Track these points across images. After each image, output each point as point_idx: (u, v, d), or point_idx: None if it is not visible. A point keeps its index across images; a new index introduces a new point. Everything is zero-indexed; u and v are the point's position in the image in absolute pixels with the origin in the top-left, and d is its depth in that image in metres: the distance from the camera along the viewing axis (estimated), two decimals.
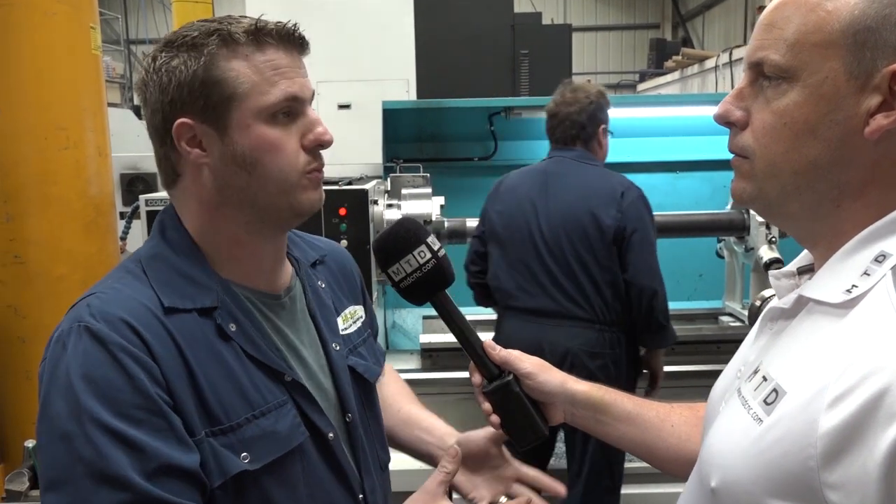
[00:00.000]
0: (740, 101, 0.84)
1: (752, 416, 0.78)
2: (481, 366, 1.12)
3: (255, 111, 0.97)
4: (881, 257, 0.74)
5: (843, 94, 0.76)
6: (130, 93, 14.04)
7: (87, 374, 0.87)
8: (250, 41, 0.97)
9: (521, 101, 3.48)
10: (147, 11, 15.94)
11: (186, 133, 0.97)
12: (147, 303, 0.93)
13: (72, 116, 2.24)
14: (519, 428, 1.10)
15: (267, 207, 1.01)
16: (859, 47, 0.75)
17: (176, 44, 0.97)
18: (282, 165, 0.99)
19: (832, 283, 0.77)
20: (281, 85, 0.98)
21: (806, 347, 0.77)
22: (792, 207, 0.82)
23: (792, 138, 0.79)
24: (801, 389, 0.73)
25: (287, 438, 0.99)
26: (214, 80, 0.96)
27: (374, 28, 3.16)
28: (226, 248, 1.04)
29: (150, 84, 0.97)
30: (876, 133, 0.74)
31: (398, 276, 1.06)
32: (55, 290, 2.26)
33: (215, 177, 0.99)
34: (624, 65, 17.71)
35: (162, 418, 0.88)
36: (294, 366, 1.06)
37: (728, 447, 0.81)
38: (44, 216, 2.25)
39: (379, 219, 2.34)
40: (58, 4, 2.19)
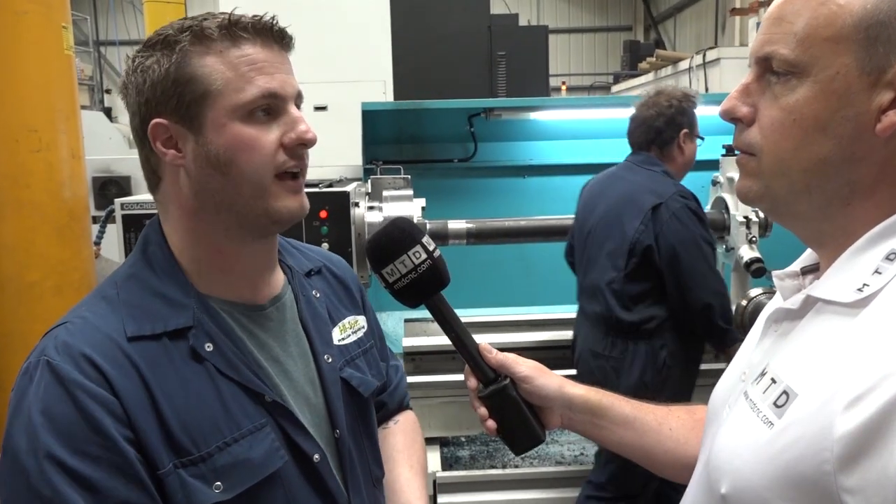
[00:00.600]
0: (747, 97, 0.82)
1: (762, 420, 0.76)
2: (477, 369, 1.08)
3: (229, 109, 0.93)
4: (892, 255, 0.72)
5: (854, 91, 0.74)
6: (101, 94, 13.84)
7: (47, 410, 0.86)
8: (224, 36, 0.93)
9: (500, 102, 3.48)
10: (117, 12, 15.73)
11: (162, 134, 0.94)
12: (112, 333, 0.91)
13: (44, 118, 2.18)
14: (516, 433, 1.08)
15: (244, 212, 0.97)
16: (871, 42, 0.73)
17: (151, 43, 0.94)
18: (256, 165, 0.94)
19: (842, 283, 0.75)
20: (258, 81, 0.93)
21: (817, 348, 0.75)
22: (801, 206, 0.80)
23: (801, 135, 0.77)
24: (814, 391, 0.71)
25: (262, 465, 0.95)
26: (187, 78, 0.92)
27: (351, 29, 3.13)
28: (206, 257, 1.00)
29: (129, 86, 0.95)
30: (888, 130, 0.73)
31: (392, 278, 1.02)
32: (28, 297, 2.20)
33: (191, 179, 0.95)
34: (597, 66, 17.87)
35: (120, 456, 0.87)
36: (278, 382, 1.02)
37: (738, 452, 0.79)
38: (16, 220, 2.18)
39: (360, 221, 2.31)
40: (29, 3, 2.13)
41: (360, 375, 1.14)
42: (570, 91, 14.76)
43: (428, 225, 2.38)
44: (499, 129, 3.09)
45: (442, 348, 2.46)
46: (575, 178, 3.20)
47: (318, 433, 1.04)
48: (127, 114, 1.02)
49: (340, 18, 3.15)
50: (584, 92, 16.12)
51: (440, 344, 2.49)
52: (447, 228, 2.42)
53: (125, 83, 0.96)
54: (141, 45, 0.97)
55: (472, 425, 2.41)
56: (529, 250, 3.11)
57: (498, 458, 2.70)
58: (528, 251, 3.11)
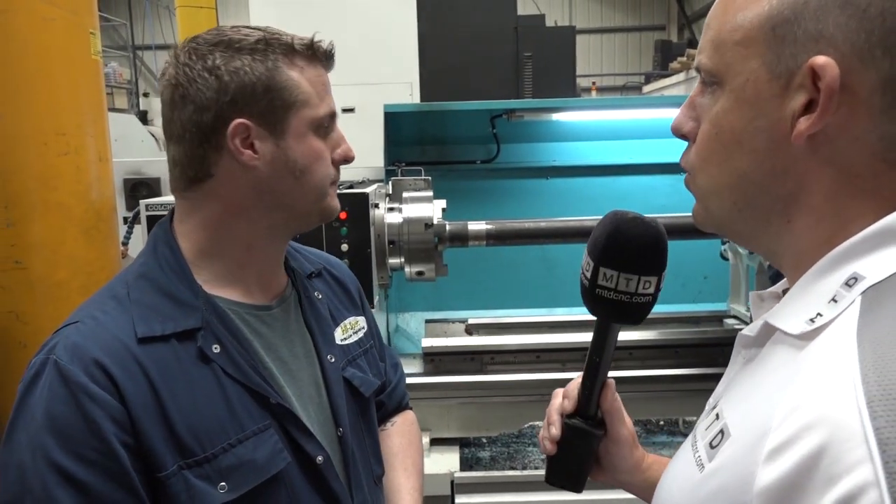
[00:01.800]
0: (692, 112, 0.77)
1: (696, 461, 0.70)
2: (585, 398, 1.00)
3: (308, 121, 1.01)
4: (852, 280, 0.64)
5: (765, 98, 0.68)
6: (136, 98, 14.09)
7: (49, 410, 0.89)
8: (307, 55, 1.02)
9: (520, 103, 3.47)
10: (153, 17, 16.00)
11: (241, 133, 0.99)
12: (121, 335, 0.94)
13: (72, 122, 2.24)
14: (565, 471, 1.03)
15: (301, 212, 1.05)
16: (779, 42, 0.66)
17: (234, 46, 0.98)
18: (322, 175, 1.04)
19: (797, 310, 0.67)
20: (327, 100, 1.04)
21: (759, 384, 0.68)
22: (739, 227, 0.75)
23: (723, 150, 0.72)
24: (744, 434, 0.64)
25: (265, 467, 0.98)
26: (280, 86, 0.99)
27: (378, 31, 3.16)
28: (232, 254, 1.04)
29: (199, 82, 0.98)
30: (800, 139, 0.66)
31: (604, 282, 0.88)
32: (56, 296, 2.26)
33: (259, 179, 1.01)
34: (630, 67, 17.71)
35: (115, 462, 0.89)
36: (283, 384, 1.05)
37: (672, 493, 0.74)
38: (44, 221, 2.24)
39: (380, 222, 2.33)
40: (57, 10, 2.19)
41: (361, 375, 1.16)
42: (601, 91, 14.67)
43: (447, 226, 2.39)
44: (522, 131, 3.09)
45: (461, 349, 2.46)
46: (599, 179, 3.20)
47: (323, 432, 1.07)
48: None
49: (367, 21, 3.18)
50: (616, 92, 16.00)
51: (460, 345, 2.50)
52: (467, 230, 2.42)
53: (189, 77, 0.98)
54: (205, 44, 1.00)
55: (490, 426, 2.41)
56: (551, 251, 3.10)
57: (518, 459, 2.70)
58: (550, 252, 3.11)
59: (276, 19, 3.37)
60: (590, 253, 0.89)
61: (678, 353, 2.44)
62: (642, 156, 3.19)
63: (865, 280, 0.63)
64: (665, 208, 3.08)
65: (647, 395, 2.37)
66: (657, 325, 2.77)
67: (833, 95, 0.63)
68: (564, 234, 2.58)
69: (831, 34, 0.63)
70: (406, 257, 2.34)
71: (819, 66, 0.63)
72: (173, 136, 1.02)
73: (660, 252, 0.88)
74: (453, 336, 2.72)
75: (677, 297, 3.10)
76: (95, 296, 1.02)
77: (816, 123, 0.65)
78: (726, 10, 0.71)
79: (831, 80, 0.63)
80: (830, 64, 0.63)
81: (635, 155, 3.18)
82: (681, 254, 3.13)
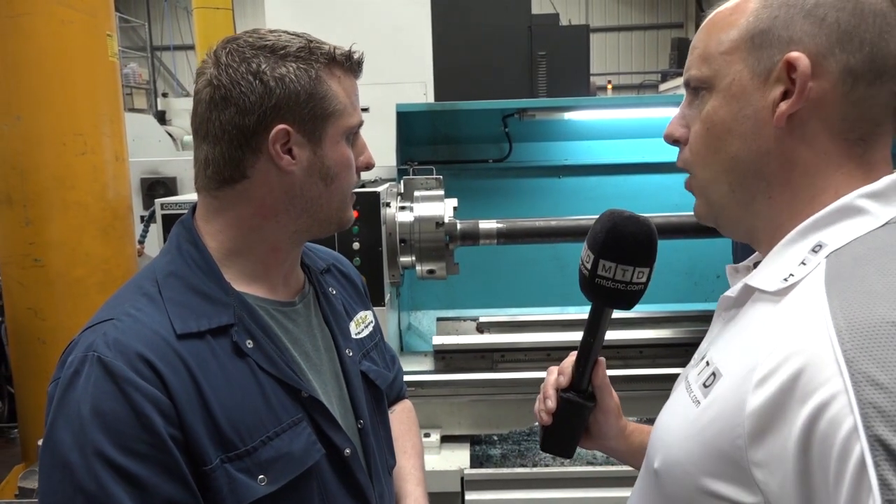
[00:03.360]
0: (682, 120, 0.92)
1: (692, 399, 0.83)
2: (579, 374, 1.10)
3: (342, 130, 1.04)
4: (818, 247, 0.78)
5: (749, 91, 0.83)
6: (155, 98, 14.22)
7: (96, 406, 0.88)
8: (346, 66, 1.05)
9: (534, 102, 3.47)
10: (171, 18, 16.14)
11: (282, 138, 1.00)
12: (161, 331, 0.94)
13: (89, 122, 2.29)
14: (559, 439, 1.13)
15: (325, 218, 1.07)
16: (757, 48, 0.83)
17: (278, 52, 1.00)
18: (349, 182, 1.08)
19: (772, 272, 0.81)
20: (358, 109, 1.08)
21: (745, 333, 0.81)
22: (731, 209, 0.89)
23: (716, 140, 0.87)
24: (734, 371, 0.77)
25: (301, 459, 1.00)
26: (322, 95, 1.01)
27: (392, 31, 3.18)
28: (259, 255, 1.05)
29: (243, 84, 0.98)
30: (781, 120, 0.81)
31: (603, 272, 0.99)
32: (73, 293, 2.31)
33: (292, 184, 1.03)
34: (647, 65, 17.61)
35: (167, 455, 0.89)
36: (311, 377, 1.07)
37: (670, 429, 0.86)
38: (63, 219, 2.30)
39: (391, 221, 2.35)
40: (74, 13, 2.23)
41: (376, 368, 1.19)
42: (617, 90, 14.61)
43: (458, 225, 2.41)
44: (534, 130, 3.09)
45: (472, 347, 2.48)
46: (611, 178, 3.20)
47: (345, 424, 1.10)
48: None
49: (381, 21, 3.20)
50: (633, 90, 15.93)
51: (470, 343, 2.51)
52: (478, 228, 2.44)
53: (233, 79, 0.99)
54: (249, 47, 1.01)
55: (501, 423, 2.42)
56: (564, 250, 3.10)
57: (529, 457, 2.71)
58: (563, 251, 3.11)
59: (292, 19, 3.40)
60: (590, 247, 1.01)
61: (688, 352, 2.43)
62: (655, 154, 3.19)
63: (828, 246, 0.78)
64: (678, 207, 3.07)
65: (659, 394, 2.36)
66: (669, 323, 2.77)
67: (807, 80, 0.79)
68: (574, 232, 2.58)
69: (799, 38, 0.81)
70: (417, 256, 2.36)
71: (794, 59, 0.80)
72: (209, 136, 1.01)
73: (652, 247, 0.99)
74: (464, 334, 2.73)
75: (690, 295, 3.10)
76: (123, 293, 1.02)
77: (795, 104, 0.80)
78: (710, 33, 0.88)
79: (804, 68, 0.79)
80: (802, 57, 0.80)
81: (648, 154, 3.18)
82: (694, 253, 3.14)
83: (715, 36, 0.87)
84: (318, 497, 1.02)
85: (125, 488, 0.87)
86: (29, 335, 2.32)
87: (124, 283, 1.05)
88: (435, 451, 2.29)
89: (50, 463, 0.90)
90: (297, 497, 0.99)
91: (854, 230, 0.78)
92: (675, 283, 3.13)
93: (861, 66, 0.79)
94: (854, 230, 0.78)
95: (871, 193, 0.79)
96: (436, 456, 2.27)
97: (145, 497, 0.88)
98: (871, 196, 0.79)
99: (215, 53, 1.01)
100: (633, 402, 1.15)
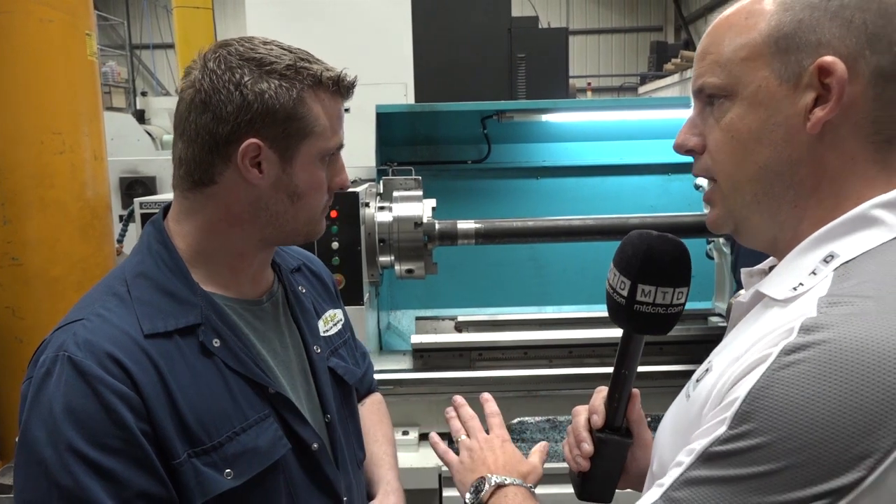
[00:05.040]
0: (694, 129, 0.90)
1: (685, 394, 0.85)
2: (613, 411, 1.04)
3: (316, 152, 1.04)
4: (829, 257, 0.78)
5: (778, 98, 0.81)
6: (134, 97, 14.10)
7: (68, 404, 0.91)
8: (332, 90, 1.05)
9: (512, 104, 3.51)
10: (151, 17, 16.01)
11: (252, 153, 1.01)
12: (130, 330, 0.97)
13: (68, 121, 2.29)
14: (599, 484, 1.06)
15: (291, 230, 1.08)
16: (783, 53, 0.80)
17: (264, 67, 1.00)
18: (318, 203, 1.08)
19: (783, 281, 0.81)
20: (339, 133, 1.07)
21: (745, 334, 0.81)
22: (756, 219, 0.87)
23: (742, 149, 0.84)
24: (720, 366, 0.79)
25: (267, 453, 1.02)
26: (300, 116, 1.02)
27: (373, 32, 3.19)
28: (225, 258, 1.07)
29: (223, 93, 0.99)
30: (817, 126, 0.79)
31: (643, 298, 0.93)
32: (52, 292, 2.31)
33: (258, 197, 1.04)
34: (627, 67, 17.74)
35: (138, 449, 0.92)
36: (278, 374, 1.09)
37: (665, 426, 0.88)
38: (41, 218, 2.29)
39: (370, 221, 2.37)
40: (54, 12, 2.23)
41: (344, 364, 1.21)
42: (597, 92, 14.71)
43: (437, 225, 2.43)
44: (512, 131, 3.12)
45: (450, 345, 2.50)
46: (589, 179, 3.24)
47: (313, 419, 1.12)
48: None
49: (362, 22, 3.21)
50: (613, 93, 16.04)
51: (448, 341, 2.53)
52: (456, 228, 2.46)
53: (214, 87, 1.00)
54: (236, 57, 1.01)
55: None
56: (541, 250, 3.14)
57: None
58: (541, 251, 3.15)
59: (273, 19, 3.40)
60: (623, 272, 0.94)
61: (662, 350, 2.48)
62: (632, 156, 3.23)
63: (840, 258, 0.77)
64: (654, 208, 3.12)
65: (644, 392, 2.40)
66: None
67: (843, 85, 0.77)
68: (552, 233, 2.62)
69: (828, 41, 0.78)
70: (396, 255, 2.38)
71: (828, 64, 0.77)
72: (185, 135, 1.03)
73: (689, 263, 0.95)
74: (442, 332, 2.76)
75: None
76: (93, 294, 1.04)
77: (832, 110, 0.78)
78: (722, 37, 0.85)
79: (841, 73, 0.77)
80: (838, 61, 0.77)
81: (625, 155, 3.22)
82: None
83: (730, 41, 0.84)
84: (284, 490, 1.04)
85: (99, 482, 0.89)
86: (6, 334, 2.32)
87: (96, 283, 1.07)
88: (413, 448, 2.31)
89: (25, 460, 0.92)
90: (263, 490, 1.02)
91: (867, 242, 0.77)
92: None
93: (891, 67, 0.78)
94: (867, 242, 0.77)
95: (887, 203, 0.78)
96: (414, 453, 2.29)
97: (119, 490, 0.90)
98: (887, 206, 0.78)
99: (204, 56, 1.03)
100: None
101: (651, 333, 0.98)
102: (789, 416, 0.66)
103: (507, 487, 1.03)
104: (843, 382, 0.65)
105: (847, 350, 0.66)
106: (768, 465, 0.66)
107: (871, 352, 0.65)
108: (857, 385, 0.64)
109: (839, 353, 0.66)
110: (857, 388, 0.64)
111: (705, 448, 0.70)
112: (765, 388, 0.68)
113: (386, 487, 1.27)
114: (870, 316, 0.68)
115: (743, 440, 0.68)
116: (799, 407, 0.65)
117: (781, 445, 0.66)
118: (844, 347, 0.66)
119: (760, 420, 0.67)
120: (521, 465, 1.10)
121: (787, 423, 0.66)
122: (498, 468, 1.08)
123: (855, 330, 0.67)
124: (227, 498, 0.98)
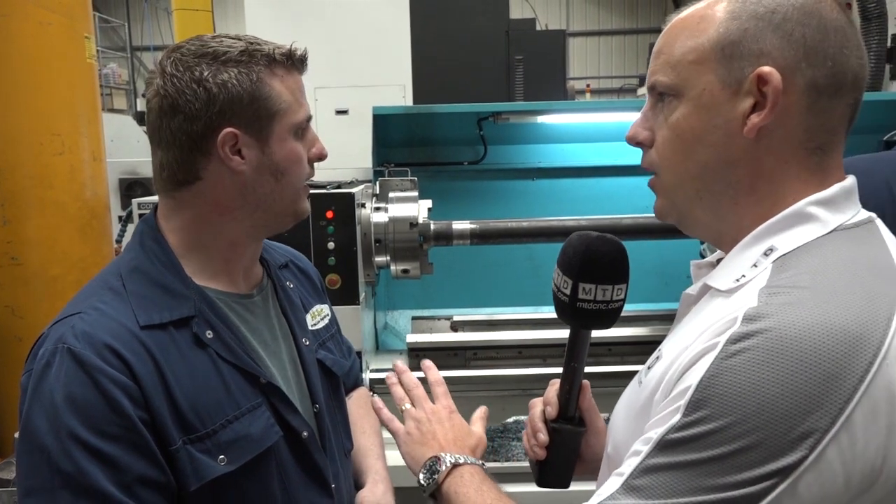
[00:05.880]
0: (646, 123, 0.94)
1: (637, 381, 0.90)
2: (566, 401, 1.09)
3: (289, 127, 1.08)
4: (769, 251, 0.83)
5: (719, 102, 0.85)
6: (135, 99, 14.13)
7: (69, 393, 0.94)
8: (287, 65, 1.08)
9: (508, 106, 3.53)
10: (151, 19, 16.06)
11: (230, 141, 1.05)
12: (126, 322, 1.00)
13: (67, 122, 2.32)
14: (555, 471, 1.11)
15: (280, 211, 1.11)
16: (728, 59, 0.85)
17: (219, 59, 1.03)
18: (300, 175, 1.11)
19: (727, 273, 0.86)
20: (304, 105, 1.11)
21: (689, 325, 0.87)
22: (698, 213, 0.91)
23: (684, 148, 0.89)
24: (669, 354, 0.84)
25: (260, 440, 1.06)
26: (265, 96, 1.05)
27: (371, 34, 3.21)
28: (218, 250, 1.10)
29: (188, 93, 1.02)
30: (752, 131, 0.84)
31: (584, 295, 0.98)
32: (51, 291, 2.33)
33: (244, 182, 1.07)
34: (626, 69, 17.76)
35: (137, 435, 0.95)
36: (269, 364, 1.12)
37: (618, 413, 0.93)
38: (40, 218, 2.32)
39: (366, 221, 2.39)
40: (52, 15, 2.26)
41: (332, 357, 1.25)
42: (596, 94, 14.72)
43: (432, 226, 2.45)
44: (508, 133, 3.15)
45: (445, 344, 2.53)
46: (584, 180, 3.26)
47: (302, 408, 1.16)
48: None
49: (361, 24, 3.23)
50: (612, 94, 16.06)
51: (444, 340, 2.56)
52: (451, 229, 2.49)
53: (178, 89, 1.03)
54: (191, 55, 1.05)
55: None
56: (538, 251, 3.16)
57: (502, 453, 2.76)
58: (537, 252, 3.17)
59: (272, 22, 3.42)
60: (565, 272, 1.00)
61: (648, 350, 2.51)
62: (627, 157, 3.25)
63: (778, 251, 0.83)
64: (649, 209, 3.08)
65: None
66: (640, 322, 2.83)
67: (778, 94, 0.82)
68: (546, 233, 2.64)
69: (769, 52, 0.83)
70: (392, 255, 2.40)
71: (766, 74, 0.82)
72: (161, 142, 1.06)
73: (626, 262, 1.01)
74: (438, 332, 2.78)
75: (661, 295, 3.16)
76: (89, 288, 1.07)
77: (767, 118, 0.83)
78: (675, 39, 0.89)
79: (776, 83, 0.82)
80: (774, 72, 0.82)
81: (620, 157, 3.24)
82: (664, 254, 3.20)
83: (682, 43, 0.88)
84: (276, 476, 1.08)
85: (100, 467, 0.92)
86: (6, 333, 2.34)
87: (92, 278, 1.10)
88: None
89: (27, 449, 0.95)
90: (256, 476, 1.05)
91: (803, 236, 0.82)
92: (645, 283, 3.19)
93: (824, 81, 0.82)
94: (803, 236, 0.82)
95: (822, 200, 0.84)
96: None
97: (119, 474, 0.93)
98: (821, 203, 0.84)
99: (161, 64, 1.06)
100: (602, 398, 1.16)
101: (595, 328, 1.03)
102: (739, 402, 0.70)
103: (463, 467, 1.04)
104: (784, 368, 0.70)
105: (786, 338, 0.71)
106: (723, 448, 0.70)
107: (808, 339, 0.70)
108: (796, 370, 0.69)
109: (779, 340, 0.71)
110: (796, 373, 0.69)
111: (662, 436, 0.74)
112: (715, 377, 0.73)
113: (374, 476, 1.30)
114: (806, 305, 0.73)
115: (698, 426, 0.72)
116: (747, 393, 0.70)
117: (734, 429, 0.70)
118: (784, 335, 0.71)
119: (713, 407, 0.72)
120: (469, 439, 1.11)
121: (737, 408, 0.70)
122: (448, 443, 1.09)
123: (793, 318, 0.72)
124: (221, 483, 1.01)
